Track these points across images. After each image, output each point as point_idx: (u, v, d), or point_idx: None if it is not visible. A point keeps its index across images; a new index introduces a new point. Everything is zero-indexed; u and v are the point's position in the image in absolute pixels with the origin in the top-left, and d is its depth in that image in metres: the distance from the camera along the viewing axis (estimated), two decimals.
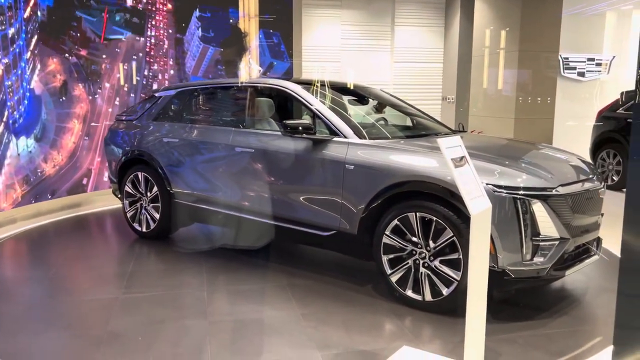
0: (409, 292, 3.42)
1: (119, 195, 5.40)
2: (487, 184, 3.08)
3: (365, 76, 10.15)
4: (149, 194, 5.00)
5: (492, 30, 8.61)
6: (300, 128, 3.84)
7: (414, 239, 3.37)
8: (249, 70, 7.90)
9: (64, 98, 6.69)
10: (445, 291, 3.27)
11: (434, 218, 3.26)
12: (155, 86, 7.40)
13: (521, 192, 3.09)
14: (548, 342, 2.98)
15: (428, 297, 3.34)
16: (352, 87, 4.97)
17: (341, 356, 2.82)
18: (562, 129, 8.78)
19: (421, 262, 3.35)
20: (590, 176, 3.57)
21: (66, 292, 3.85)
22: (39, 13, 6.33)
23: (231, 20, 7.89)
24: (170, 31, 7.62)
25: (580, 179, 3.45)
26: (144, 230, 5.08)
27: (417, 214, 3.33)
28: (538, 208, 3.10)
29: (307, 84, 4.39)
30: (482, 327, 2.58)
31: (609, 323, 3.22)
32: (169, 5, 7.59)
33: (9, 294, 3.81)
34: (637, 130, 1.35)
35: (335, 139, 3.81)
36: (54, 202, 6.48)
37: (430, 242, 3.30)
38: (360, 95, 4.92)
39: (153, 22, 7.44)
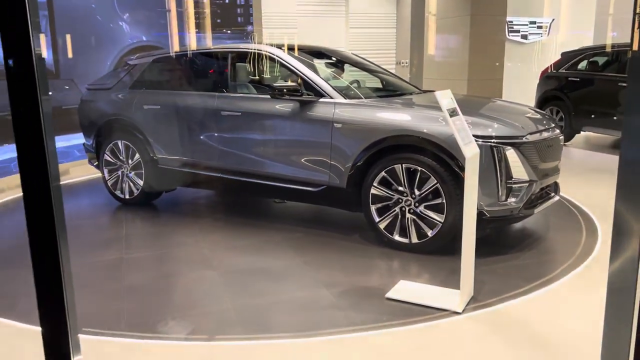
0: (397, 237, 3.77)
1: (96, 163, 5.44)
2: None
3: (321, 42, 10.32)
4: (130, 161, 5.08)
5: None
6: (285, 90, 4.05)
7: (400, 188, 3.70)
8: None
9: None
10: (430, 233, 3.64)
11: (419, 168, 3.60)
12: None
13: (495, 140, 3.47)
14: (523, 271, 3.42)
15: (414, 239, 3.70)
16: (325, 52, 5.20)
17: (347, 292, 3.14)
18: (510, 89, 9.37)
19: (407, 208, 3.70)
20: (552, 125, 4.00)
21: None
22: None
23: None
24: None
25: (544, 127, 3.87)
26: (127, 197, 5.17)
27: (403, 165, 3.66)
28: (511, 154, 3.50)
29: (284, 49, 4.57)
30: (473, 257, 2.95)
31: (569, 253, 3.72)
32: None
33: (8, 261, 3.86)
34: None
35: (322, 99, 4.05)
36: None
37: (415, 190, 3.65)
38: (333, 58, 5.15)
39: None
